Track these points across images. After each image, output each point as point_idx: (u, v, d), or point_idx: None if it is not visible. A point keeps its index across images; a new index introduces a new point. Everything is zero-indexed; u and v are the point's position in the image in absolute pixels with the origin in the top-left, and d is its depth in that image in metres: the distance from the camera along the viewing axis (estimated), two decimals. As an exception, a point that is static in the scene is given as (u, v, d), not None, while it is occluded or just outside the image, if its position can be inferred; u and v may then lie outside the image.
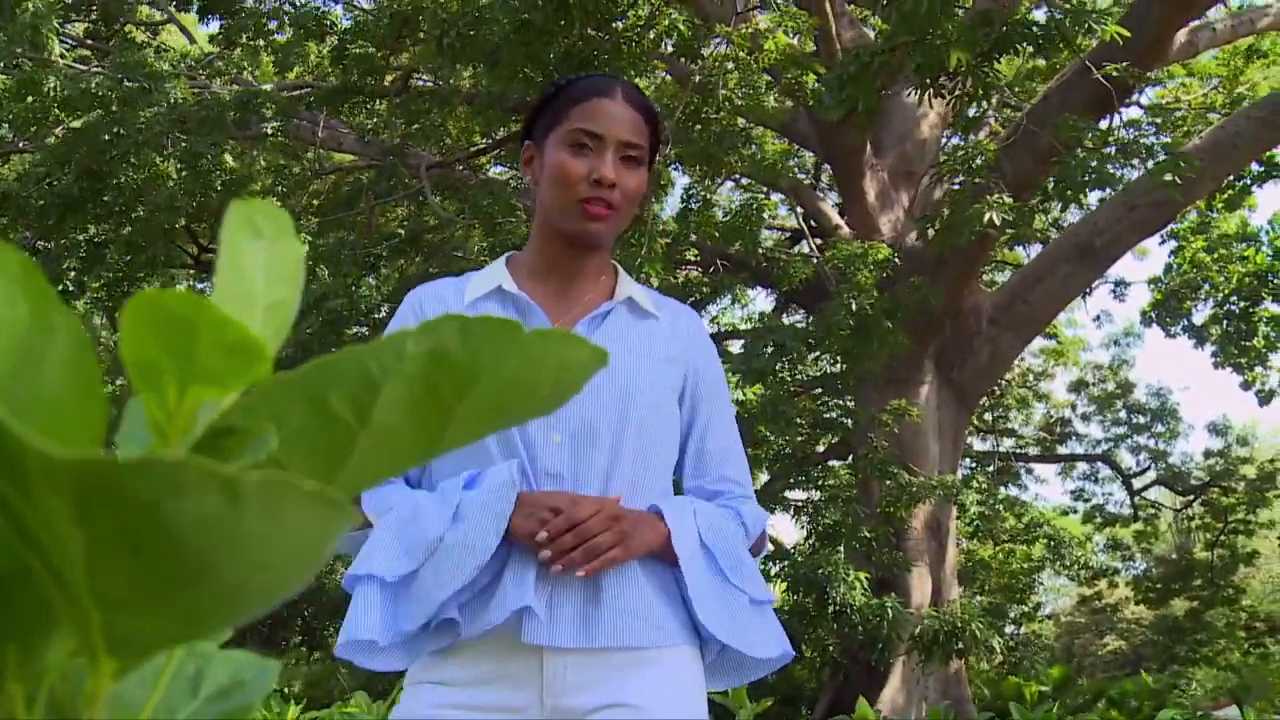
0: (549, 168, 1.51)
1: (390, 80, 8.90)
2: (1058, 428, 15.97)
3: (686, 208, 7.68)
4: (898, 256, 7.51)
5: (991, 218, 6.21)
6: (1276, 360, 12.10)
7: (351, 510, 0.24)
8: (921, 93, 6.00)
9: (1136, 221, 8.51)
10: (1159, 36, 7.13)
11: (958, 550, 9.79)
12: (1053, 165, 6.85)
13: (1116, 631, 18.93)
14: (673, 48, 7.10)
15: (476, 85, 9.02)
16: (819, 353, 8.54)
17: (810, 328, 7.95)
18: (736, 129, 7.20)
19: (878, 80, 5.94)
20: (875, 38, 7.83)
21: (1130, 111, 10.31)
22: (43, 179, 8.58)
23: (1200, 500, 14.57)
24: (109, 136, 7.83)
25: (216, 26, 9.38)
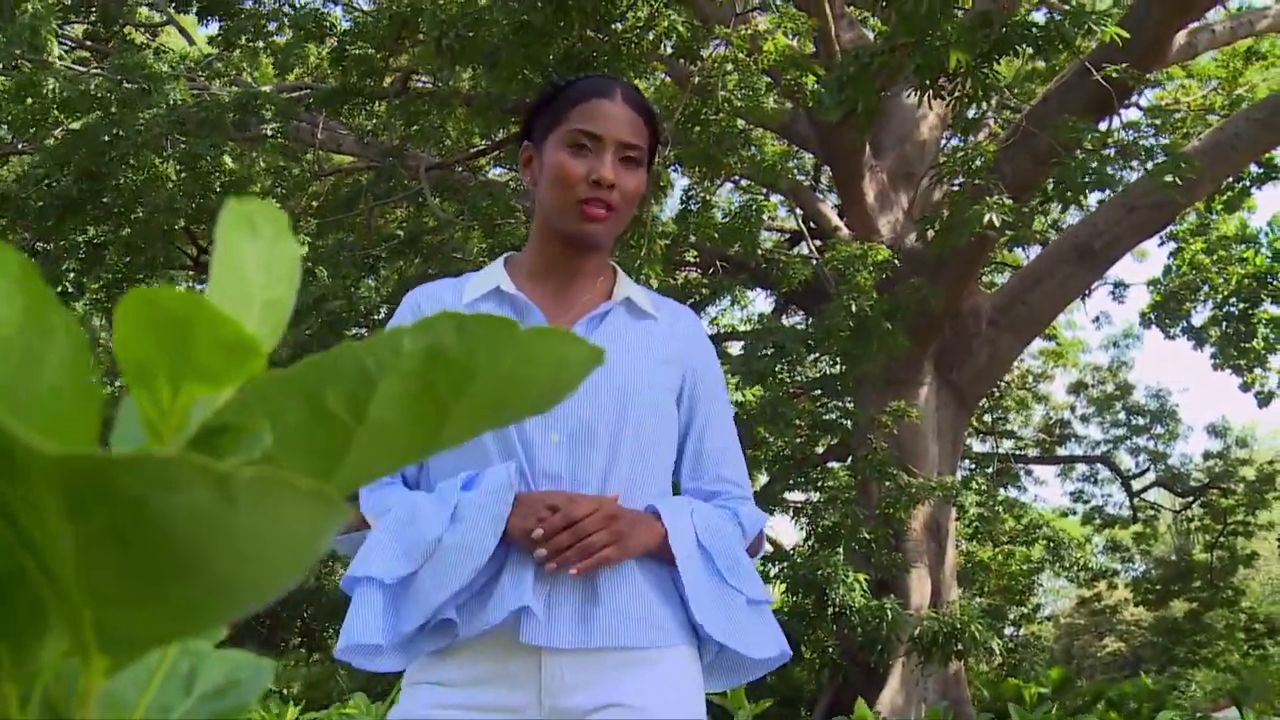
0: (548, 168, 1.51)
1: (389, 82, 8.90)
2: (1057, 429, 15.97)
3: (686, 209, 7.68)
4: (897, 258, 7.51)
5: (991, 219, 6.21)
6: (1276, 362, 12.10)
7: (345, 507, 0.24)
8: (921, 94, 6.00)
9: (1136, 223, 8.51)
10: (1158, 38, 7.13)
11: (957, 552, 9.78)
12: (1052, 167, 6.86)
13: (1116, 633, 18.93)
14: (672, 49, 7.10)
15: (476, 87, 9.02)
16: (818, 354, 8.54)
17: (810, 329, 7.96)
18: (736, 130, 7.20)
19: (877, 81, 5.95)
20: (875, 39, 7.84)
21: (1129, 113, 10.32)
22: (41, 180, 8.58)
23: (1199, 502, 14.57)
24: (108, 138, 7.83)
25: (216, 28, 9.38)
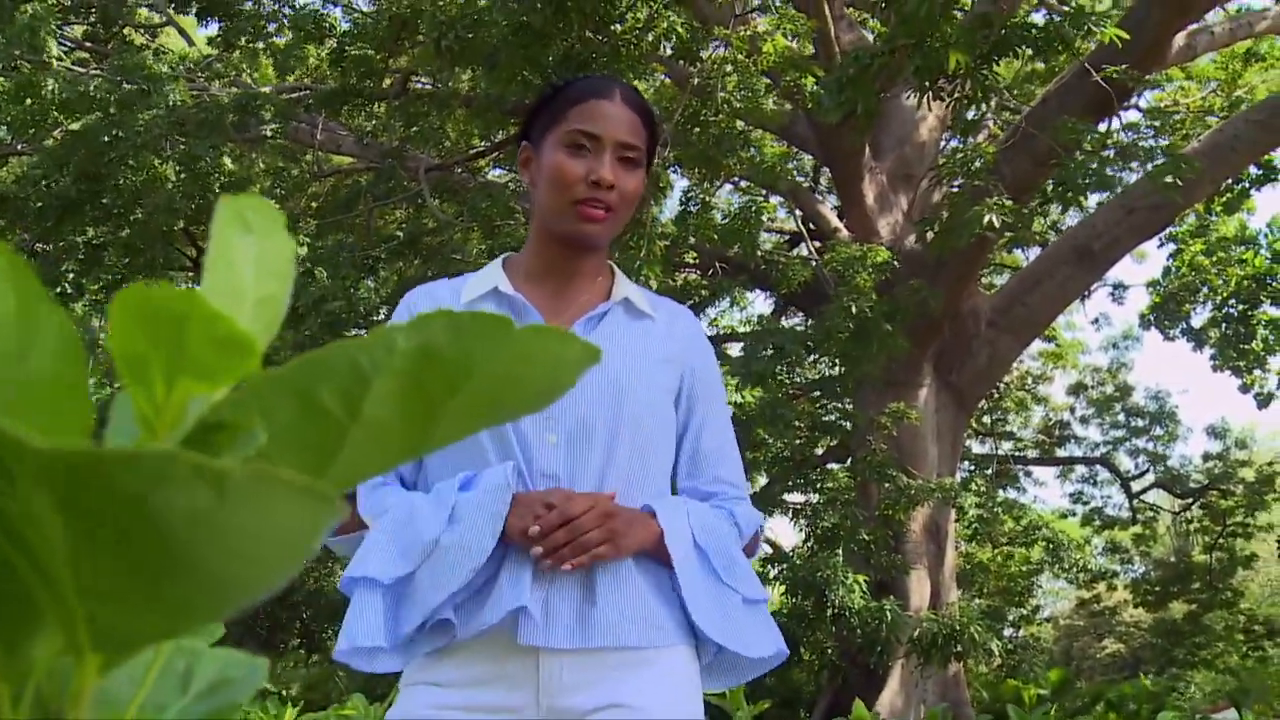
0: (546, 169, 1.51)
1: (389, 83, 8.91)
2: (1056, 430, 15.98)
3: (685, 210, 7.68)
4: (896, 259, 7.51)
5: (991, 220, 6.21)
6: (1275, 363, 12.10)
7: (339, 504, 0.24)
8: (920, 96, 6.00)
9: (1135, 224, 8.52)
10: (1157, 40, 7.13)
11: (956, 553, 9.78)
12: (1051, 168, 6.86)
13: (1115, 634, 18.92)
14: (671, 50, 7.10)
15: (475, 88, 9.02)
16: (818, 355, 8.54)
17: (809, 330, 7.95)
18: (735, 132, 7.20)
19: (877, 83, 5.94)
20: (874, 40, 7.84)
21: (1129, 115, 10.33)
22: (40, 181, 8.58)
23: (1199, 503, 14.57)
24: (107, 139, 7.83)
25: (215, 29, 9.38)
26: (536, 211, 1.57)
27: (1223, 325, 11.93)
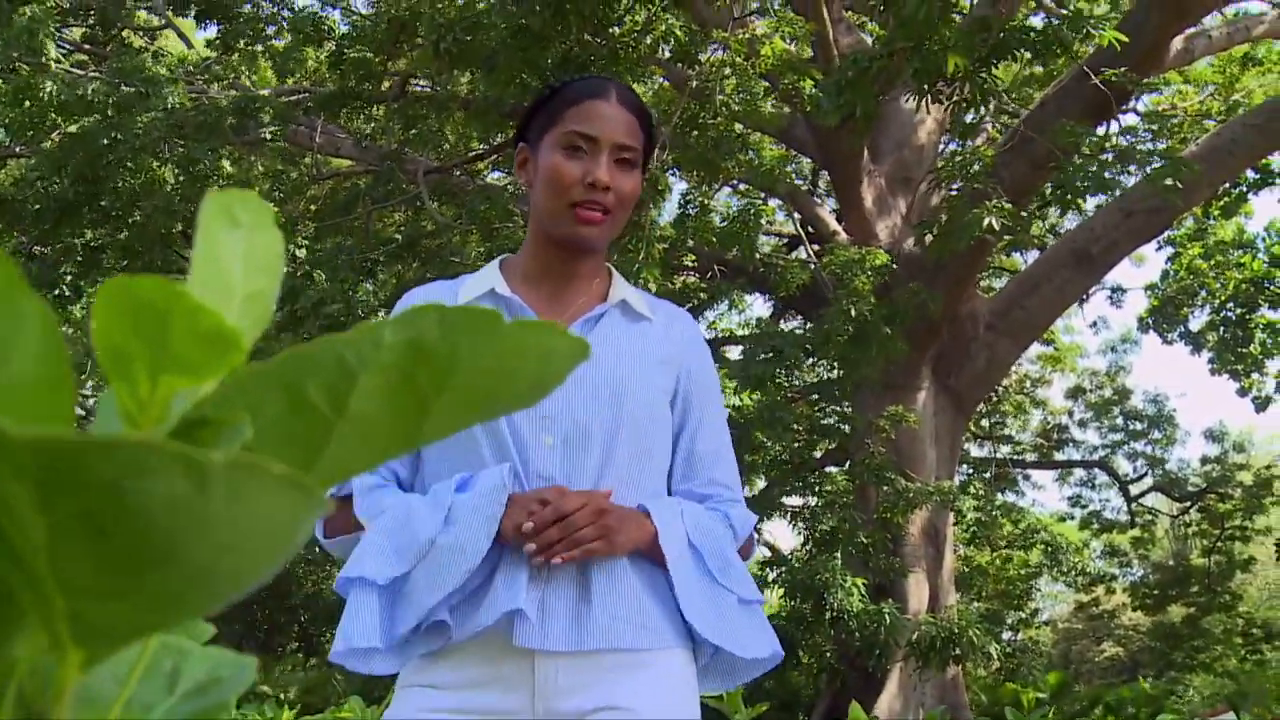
0: (543, 170, 1.50)
1: (388, 85, 8.91)
2: (1055, 434, 15.98)
3: (684, 213, 7.68)
4: (895, 262, 7.52)
5: (990, 223, 6.21)
6: (1273, 367, 12.12)
7: (323, 496, 0.23)
8: (919, 99, 6.01)
9: (1133, 228, 8.52)
10: (1155, 43, 7.14)
11: (955, 556, 9.78)
12: (1050, 171, 6.86)
13: (1114, 638, 18.91)
14: (670, 53, 7.10)
15: (474, 90, 9.03)
16: (816, 359, 8.54)
17: (808, 334, 7.95)
18: (734, 134, 7.20)
19: (875, 86, 5.95)
20: (873, 43, 7.84)
21: (1127, 119, 10.34)
22: (36, 183, 8.58)
23: (1197, 506, 14.57)
24: (106, 141, 7.82)
25: (214, 31, 9.38)
26: (533, 213, 1.57)
27: (1221, 329, 11.95)
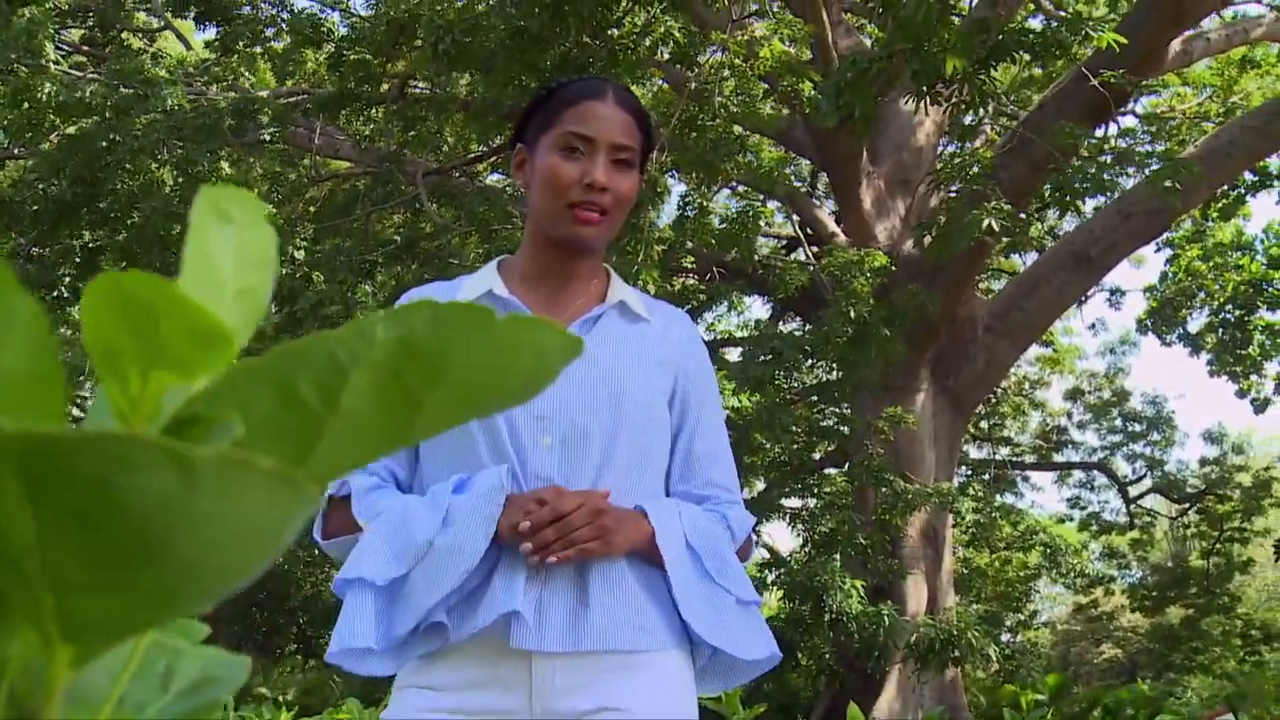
0: (540, 171, 1.50)
1: (387, 87, 8.91)
2: (1054, 436, 15.99)
3: (683, 215, 7.68)
4: (894, 264, 7.52)
5: (989, 225, 6.22)
6: (1271, 368, 12.13)
7: (312, 491, 0.23)
8: (918, 100, 6.01)
9: (1132, 230, 8.53)
10: (1154, 45, 7.15)
11: (954, 558, 9.78)
12: (1049, 173, 6.87)
13: (1112, 639, 18.91)
14: (669, 55, 7.10)
15: (473, 92, 9.03)
16: (815, 360, 8.54)
17: (807, 335, 7.95)
18: (733, 136, 7.20)
19: (874, 87, 5.95)
20: (872, 45, 7.85)
21: (1125, 121, 10.35)
22: (33, 184, 8.57)
23: (1196, 508, 14.58)
24: (105, 143, 7.82)
25: (213, 33, 9.38)
26: (531, 214, 1.56)
27: (1219, 330, 11.96)
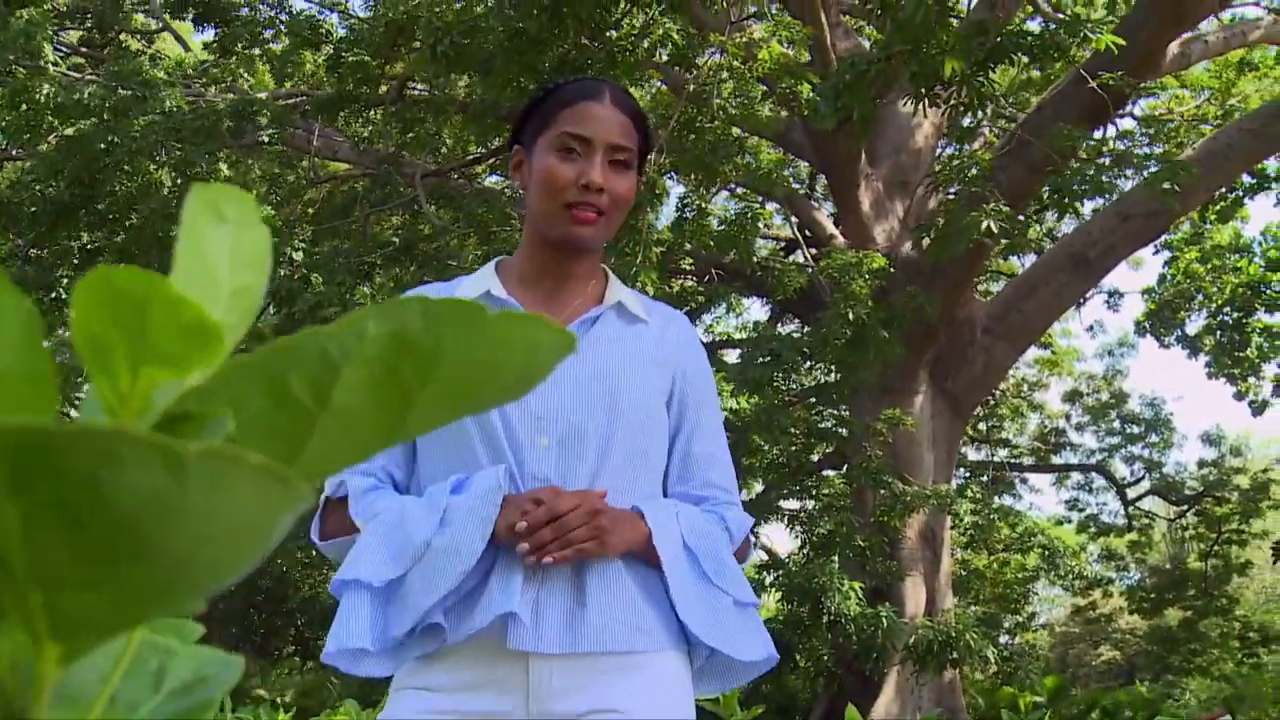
0: (537, 172, 1.50)
1: (385, 89, 8.91)
2: (1052, 438, 16.00)
3: (681, 217, 7.68)
4: (893, 266, 7.52)
5: (988, 226, 6.22)
6: (1269, 371, 12.14)
7: (302, 486, 0.23)
8: (916, 102, 6.01)
9: (1130, 232, 8.53)
10: (1152, 47, 7.16)
11: (952, 560, 9.78)
12: (1047, 175, 6.88)
13: (1111, 641, 18.92)
14: (667, 57, 7.11)
15: (471, 94, 9.03)
16: (814, 362, 8.54)
17: (806, 337, 7.95)
18: (731, 138, 7.20)
19: (873, 89, 5.95)
20: (870, 47, 7.85)
21: (1124, 123, 10.36)
22: (31, 185, 8.57)
23: (1194, 510, 14.58)
24: (103, 145, 7.82)
25: (212, 35, 9.38)
26: (529, 215, 1.56)
27: (1217, 333, 11.97)
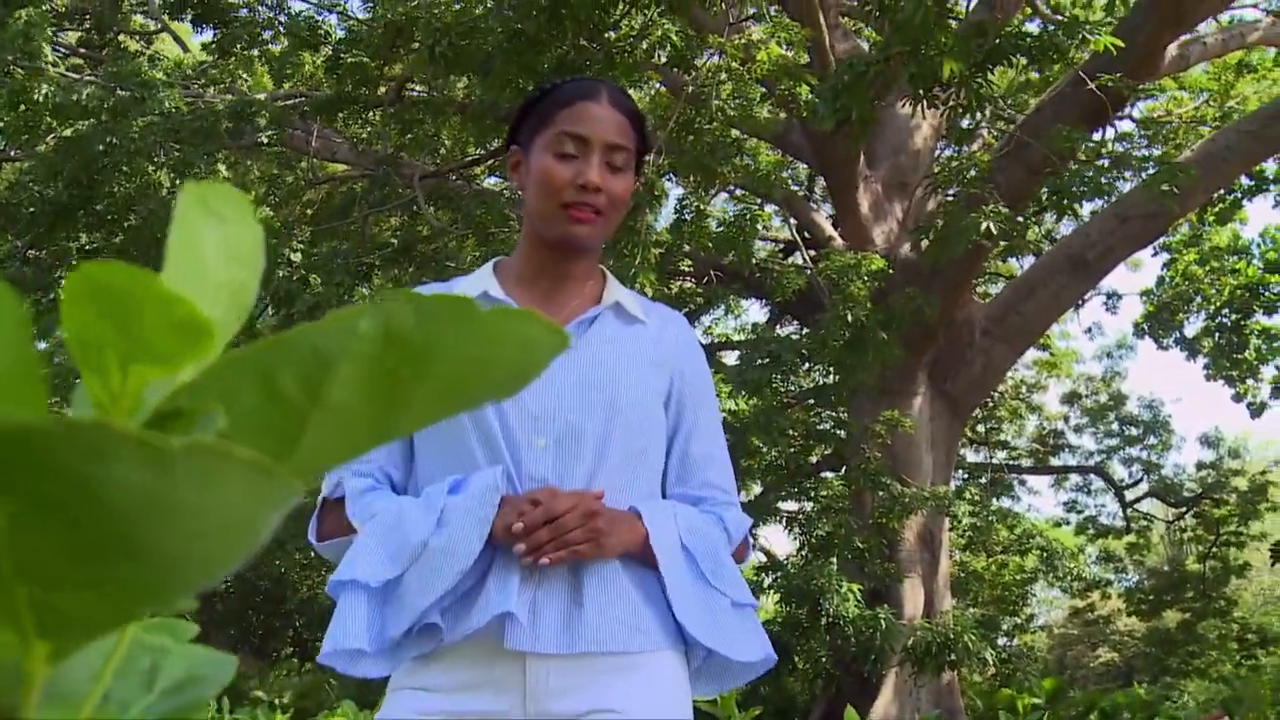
0: (534, 172, 1.50)
1: (384, 90, 8.91)
2: (1050, 439, 16.00)
3: (680, 218, 7.67)
4: (891, 268, 7.52)
5: (987, 228, 6.22)
6: (1268, 373, 12.14)
7: (291, 482, 0.23)
8: (915, 104, 6.01)
9: (1129, 234, 8.54)
10: (1150, 49, 7.16)
11: (950, 562, 9.78)
12: (1046, 176, 6.88)
13: (1109, 643, 18.93)
14: (666, 59, 7.10)
15: (470, 95, 9.03)
16: (813, 364, 8.54)
17: (804, 339, 7.95)
18: (730, 140, 7.20)
19: (871, 91, 5.95)
20: (869, 49, 7.85)
21: (1122, 125, 10.37)
22: (29, 186, 8.57)
23: (1192, 512, 14.59)
24: (102, 146, 7.81)
25: (210, 36, 9.38)
26: (526, 215, 1.56)
27: (1216, 334, 11.97)
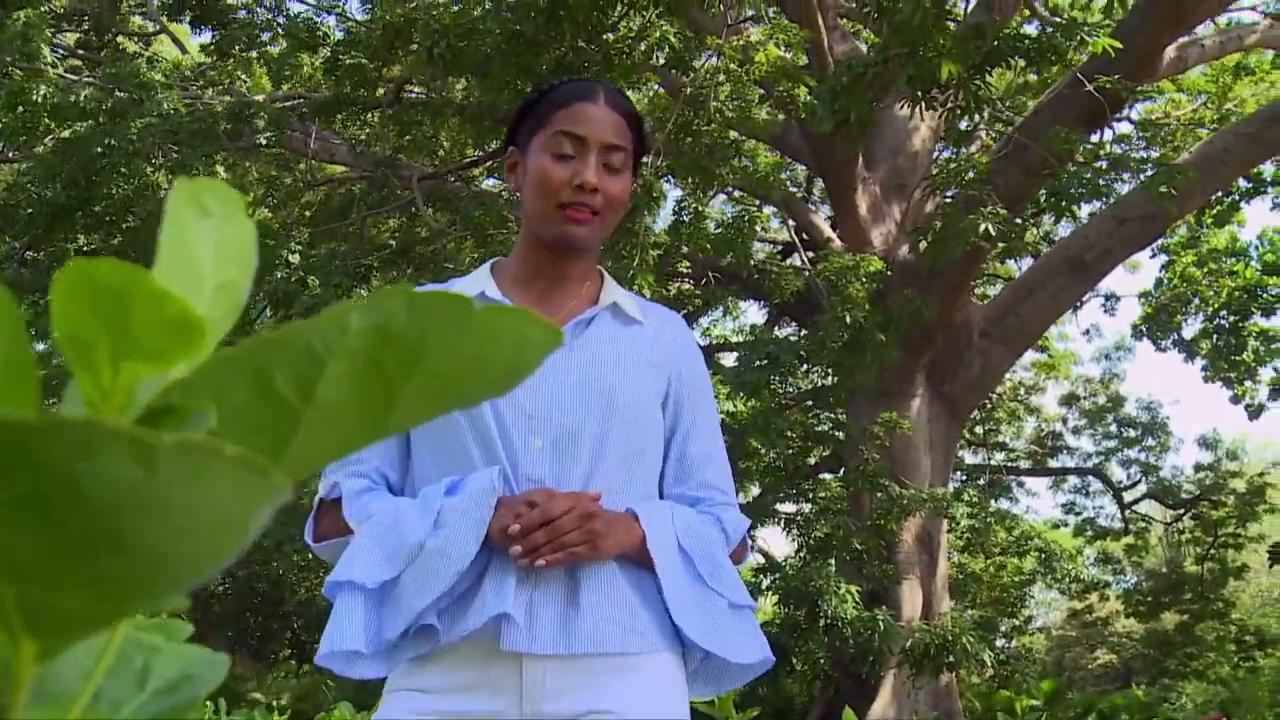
0: (531, 173, 1.50)
1: (382, 91, 8.90)
2: (1049, 441, 16.01)
3: (678, 220, 7.67)
4: (890, 269, 7.52)
5: (985, 230, 6.23)
6: (1266, 374, 12.15)
7: (279, 478, 0.23)
8: (913, 105, 6.02)
9: (1127, 235, 8.54)
10: (1149, 51, 7.17)
11: (949, 563, 9.78)
12: (1044, 178, 6.89)
13: (1107, 645, 18.93)
14: (664, 60, 7.11)
15: (468, 96, 9.03)
16: (811, 365, 8.54)
17: (803, 340, 7.95)
18: (728, 141, 7.21)
19: (870, 92, 5.96)
20: (867, 50, 7.86)
21: (1120, 127, 10.37)
22: (27, 188, 8.56)
23: (1190, 514, 14.60)
24: (100, 147, 7.81)
25: (209, 37, 9.38)
26: (524, 216, 1.56)
27: (1214, 336, 11.98)
